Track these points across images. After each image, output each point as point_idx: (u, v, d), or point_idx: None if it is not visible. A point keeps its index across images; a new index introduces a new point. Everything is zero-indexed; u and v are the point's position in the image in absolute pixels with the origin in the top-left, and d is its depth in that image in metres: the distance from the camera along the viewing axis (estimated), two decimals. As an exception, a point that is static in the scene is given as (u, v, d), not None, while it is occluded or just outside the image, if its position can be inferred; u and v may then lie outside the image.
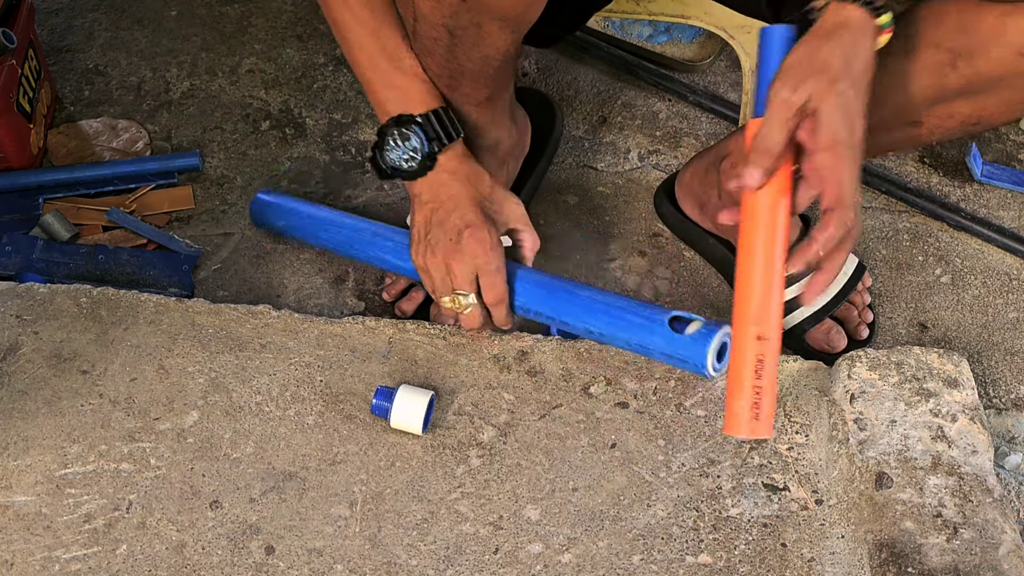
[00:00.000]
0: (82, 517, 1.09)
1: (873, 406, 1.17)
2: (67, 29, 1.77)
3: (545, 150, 1.52)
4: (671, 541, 1.10)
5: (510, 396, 1.21)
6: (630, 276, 1.47)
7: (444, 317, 1.34)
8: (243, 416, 1.17)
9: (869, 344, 1.38)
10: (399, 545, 1.09)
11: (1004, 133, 1.68)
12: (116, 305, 1.26)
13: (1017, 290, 1.48)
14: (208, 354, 1.22)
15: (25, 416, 1.15)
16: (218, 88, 1.69)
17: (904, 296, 1.46)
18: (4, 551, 1.05)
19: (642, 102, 1.70)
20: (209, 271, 1.43)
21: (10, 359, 1.19)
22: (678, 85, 1.69)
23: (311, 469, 1.14)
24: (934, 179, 1.60)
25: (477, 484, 1.14)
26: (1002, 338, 1.42)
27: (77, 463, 1.12)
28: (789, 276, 1.06)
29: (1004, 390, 1.37)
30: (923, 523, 1.08)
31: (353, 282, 1.44)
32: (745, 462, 1.16)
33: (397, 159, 1.16)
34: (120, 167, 1.51)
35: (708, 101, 1.67)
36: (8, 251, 1.35)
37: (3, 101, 1.41)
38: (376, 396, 1.16)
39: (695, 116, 1.69)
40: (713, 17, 1.39)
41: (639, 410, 1.20)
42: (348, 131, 1.64)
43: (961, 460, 1.13)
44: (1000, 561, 1.06)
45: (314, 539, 1.09)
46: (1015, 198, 1.59)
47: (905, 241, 1.52)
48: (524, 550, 1.09)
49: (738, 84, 1.69)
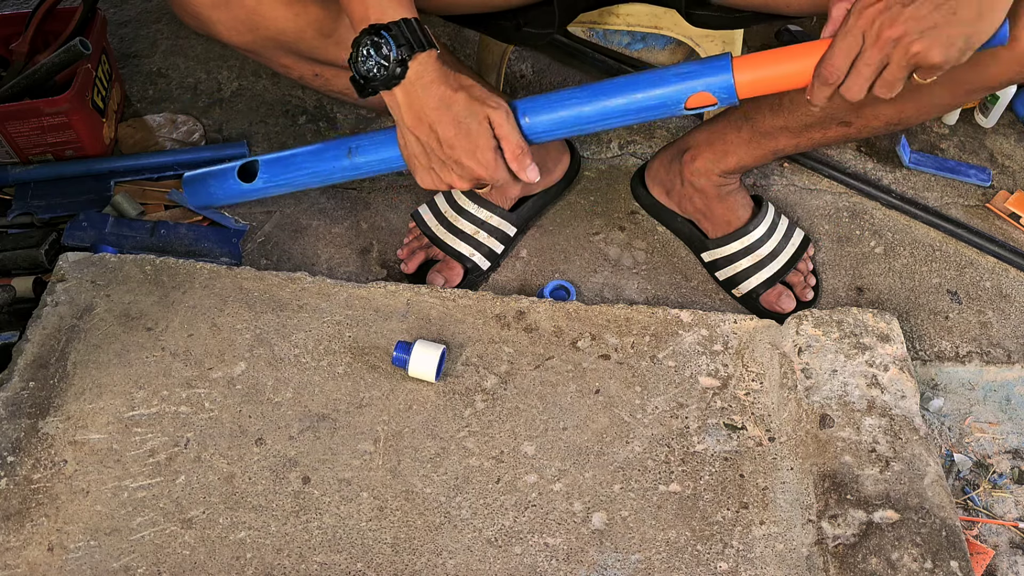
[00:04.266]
0: (147, 452, 1.07)
1: (817, 358, 1.16)
2: (134, 38, 1.75)
3: (562, 179, 1.49)
4: (646, 472, 1.09)
5: (509, 349, 1.19)
6: (612, 247, 1.45)
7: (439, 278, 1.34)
8: (283, 366, 1.16)
9: (814, 305, 1.37)
10: (415, 476, 1.08)
11: (928, 126, 1.66)
12: (175, 272, 1.24)
13: (939, 259, 1.46)
14: (253, 314, 1.20)
15: (99, 366, 1.13)
16: (262, 88, 1.67)
17: (844, 264, 1.45)
18: (81, 481, 1.04)
19: (622, 100, 1.68)
20: (255, 243, 1.42)
21: (86, 318, 1.17)
22: (653, 85, 1.67)
23: (341, 411, 1.12)
24: (869, 165, 1.59)
25: (482, 424, 1.12)
26: (927, 300, 1.41)
27: (142, 406, 1.11)
28: None
29: (928, 344, 1.35)
30: (860, 457, 1.07)
31: (377, 252, 1.42)
32: (709, 405, 1.15)
33: (370, 69, 0.98)
34: (179, 155, 1.49)
35: (678, 99, 1.65)
36: (84, 226, 1.34)
37: (80, 99, 1.40)
38: (396, 349, 1.14)
39: (667, 112, 1.66)
40: (681, 27, 1.37)
41: (619, 361, 1.19)
42: (373, 124, 1.61)
43: (892, 404, 1.11)
44: (925, 489, 1.04)
45: (344, 470, 1.07)
46: (937, 181, 1.57)
47: (845, 218, 1.51)
48: (522, 480, 1.08)
49: (703, 84, 1.66)
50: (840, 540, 1.01)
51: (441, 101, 0.99)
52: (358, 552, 1.02)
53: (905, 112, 1.13)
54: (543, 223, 1.47)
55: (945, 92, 1.08)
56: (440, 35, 1.77)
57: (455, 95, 0.99)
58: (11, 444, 1.06)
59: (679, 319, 1.23)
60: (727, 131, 1.29)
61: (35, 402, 1.09)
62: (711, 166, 1.32)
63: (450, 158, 1.01)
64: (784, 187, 1.54)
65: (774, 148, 1.26)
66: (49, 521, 1.01)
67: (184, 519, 1.03)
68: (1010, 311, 1.40)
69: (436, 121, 0.99)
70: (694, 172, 1.35)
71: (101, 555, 0.99)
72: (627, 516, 1.06)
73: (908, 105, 1.11)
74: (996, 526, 1.17)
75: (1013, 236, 1.50)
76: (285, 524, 1.03)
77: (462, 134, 0.99)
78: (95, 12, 1.49)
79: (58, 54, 1.38)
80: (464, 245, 1.35)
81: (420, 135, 1.01)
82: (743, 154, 1.28)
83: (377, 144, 1.13)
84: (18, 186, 1.43)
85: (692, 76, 1.02)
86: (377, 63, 0.98)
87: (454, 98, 0.99)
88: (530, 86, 1.69)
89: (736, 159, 1.29)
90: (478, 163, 1.01)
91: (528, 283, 1.39)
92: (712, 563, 1.02)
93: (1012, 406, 1.29)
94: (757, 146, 1.27)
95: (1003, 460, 1.23)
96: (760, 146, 1.26)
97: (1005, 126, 1.67)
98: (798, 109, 1.19)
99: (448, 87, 0.99)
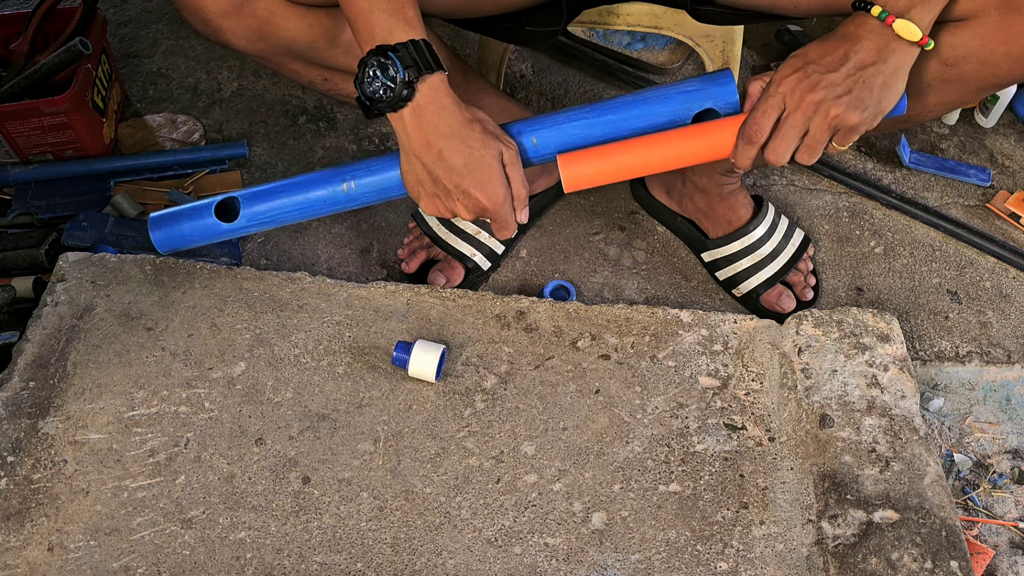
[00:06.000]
0: (147, 452, 1.07)
1: (817, 358, 1.16)
2: (135, 38, 1.75)
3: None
4: (646, 472, 1.09)
5: (509, 349, 1.19)
6: (612, 247, 1.45)
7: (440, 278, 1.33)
8: (283, 366, 1.16)
9: (814, 305, 1.36)
10: (415, 476, 1.07)
11: (928, 126, 1.67)
12: (175, 272, 1.24)
13: (939, 259, 1.46)
14: (253, 314, 1.20)
15: (99, 366, 1.13)
16: (262, 88, 1.66)
17: (844, 264, 1.45)
18: (81, 481, 1.04)
19: (622, 100, 1.68)
20: (255, 243, 1.41)
21: (86, 318, 1.17)
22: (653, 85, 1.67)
23: (341, 411, 1.12)
24: (869, 165, 1.59)
25: (482, 424, 1.12)
26: (926, 300, 1.41)
27: (142, 406, 1.11)
28: None
29: (928, 344, 1.35)
30: (860, 457, 1.07)
31: (377, 252, 1.42)
32: (709, 405, 1.15)
33: (376, 90, 0.97)
34: (179, 155, 1.49)
35: (678, 99, 1.65)
36: (84, 226, 1.34)
37: (80, 99, 1.40)
38: (396, 349, 1.14)
39: (667, 112, 1.66)
40: (682, 28, 1.37)
41: (619, 361, 1.19)
42: (372, 124, 1.61)
43: (892, 404, 1.11)
44: (925, 489, 1.04)
45: (343, 471, 1.07)
46: (937, 181, 1.57)
47: (845, 218, 1.51)
48: (521, 480, 1.08)
49: (703, 84, 1.66)
50: (840, 540, 1.01)
51: (453, 129, 0.98)
52: (358, 552, 1.02)
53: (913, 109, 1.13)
54: (543, 223, 1.47)
55: (952, 90, 1.08)
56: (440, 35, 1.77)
57: (470, 125, 0.99)
58: (11, 444, 1.06)
59: (679, 319, 1.23)
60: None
61: (35, 402, 1.09)
62: (712, 165, 1.32)
63: (458, 187, 1.01)
64: (784, 187, 1.54)
65: None
66: (49, 521, 1.01)
67: (184, 519, 1.03)
68: (1010, 311, 1.40)
69: (447, 148, 0.99)
70: (695, 171, 1.35)
71: (101, 555, 0.99)
72: (627, 516, 1.06)
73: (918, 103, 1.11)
74: (996, 526, 1.17)
75: (1013, 236, 1.50)
76: (285, 524, 1.03)
77: (473, 165, 0.99)
78: (95, 12, 1.49)
79: (58, 54, 1.38)
80: (465, 245, 1.35)
81: (427, 161, 1.00)
82: None
83: (374, 171, 1.12)
84: (18, 186, 1.43)
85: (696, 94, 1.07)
86: (384, 84, 0.97)
87: (469, 127, 0.99)
88: (530, 86, 1.69)
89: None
90: (487, 196, 1.01)
91: (528, 283, 1.39)
92: (712, 563, 1.02)
93: (1012, 406, 1.29)
94: None
95: (1003, 460, 1.23)
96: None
97: (1005, 126, 1.67)
98: None
99: (462, 115, 0.99)
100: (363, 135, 1.59)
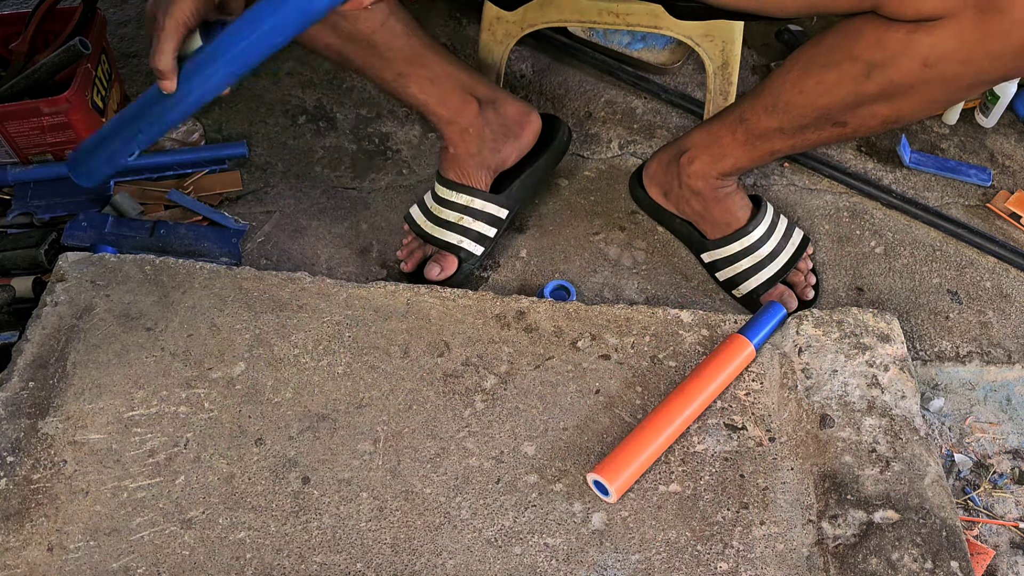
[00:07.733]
0: (146, 452, 1.07)
1: (818, 358, 1.16)
2: (134, 38, 1.75)
3: (544, 151, 1.46)
4: (646, 472, 1.09)
5: (509, 349, 1.19)
6: (611, 247, 1.45)
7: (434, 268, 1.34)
8: (283, 366, 1.16)
9: (814, 305, 1.36)
10: (415, 476, 1.07)
11: (929, 126, 1.66)
12: (175, 272, 1.24)
13: (939, 259, 1.46)
14: (253, 314, 1.20)
15: (98, 366, 1.13)
16: (262, 88, 1.67)
17: (844, 264, 1.44)
18: (80, 481, 1.04)
19: (622, 99, 1.68)
20: (254, 243, 1.41)
21: (86, 318, 1.17)
22: (653, 85, 1.67)
23: (341, 411, 1.12)
24: (869, 164, 1.59)
25: (482, 424, 1.12)
26: (927, 300, 1.41)
27: (142, 406, 1.11)
28: None
29: (929, 344, 1.35)
30: (860, 457, 1.07)
31: (377, 252, 1.42)
32: (709, 406, 1.15)
33: None
34: (179, 155, 1.49)
35: (678, 99, 1.66)
36: (84, 226, 1.34)
37: (79, 98, 1.40)
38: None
39: (667, 112, 1.66)
40: (681, 27, 1.37)
41: (619, 361, 1.19)
42: (372, 124, 1.61)
43: (892, 404, 1.11)
44: (925, 489, 1.04)
45: (343, 471, 1.07)
46: (937, 181, 1.57)
47: (845, 218, 1.50)
48: (522, 480, 1.08)
49: (703, 84, 1.67)
50: (840, 540, 1.01)
51: None
52: (358, 552, 1.02)
53: (902, 110, 1.12)
54: (543, 223, 1.47)
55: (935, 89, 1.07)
56: (440, 35, 1.77)
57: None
58: (11, 444, 1.06)
59: (679, 319, 1.23)
60: (723, 133, 1.29)
61: (35, 402, 1.09)
62: (708, 168, 1.32)
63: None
64: (784, 187, 1.54)
65: (770, 149, 1.25)
66: (49, 521, 1.01)
67: (184, 519, 1.03)
68: (1010, 311, 1.40)
69: None
70: (691, 174, 1.35)
71: (101, 555, 0.99)
72: (627, 516, 1.06)
73: (905, 102, 1.11)
74: (996, 526, 1.17)
75: (1013, 236, 1.50)
76: (285, 524, 1.03)
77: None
78: (95, 12, 1.49)
79: (58, 54, 1.38)
80: (451, 234, 1.35)
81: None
82: (739, 156, 1.28)
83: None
84: (18, 186, 1.43)
85: None
86: None
87: None
88: (530, 86, 1.69)
89: (733, 161, 1.29)
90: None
91: (528, 283, 1.39)
92: (712, 563, 1.02)
93: (1012, 406, 1.29)
94: (753, 148, 1.26)
95: (1003, 460, 1.23)
96: (756, 148, 1.26)
97: (1005, 126, 1.67)
98: (792, 111, 1.19)
99: None
100: (362, 135, 1.59)
